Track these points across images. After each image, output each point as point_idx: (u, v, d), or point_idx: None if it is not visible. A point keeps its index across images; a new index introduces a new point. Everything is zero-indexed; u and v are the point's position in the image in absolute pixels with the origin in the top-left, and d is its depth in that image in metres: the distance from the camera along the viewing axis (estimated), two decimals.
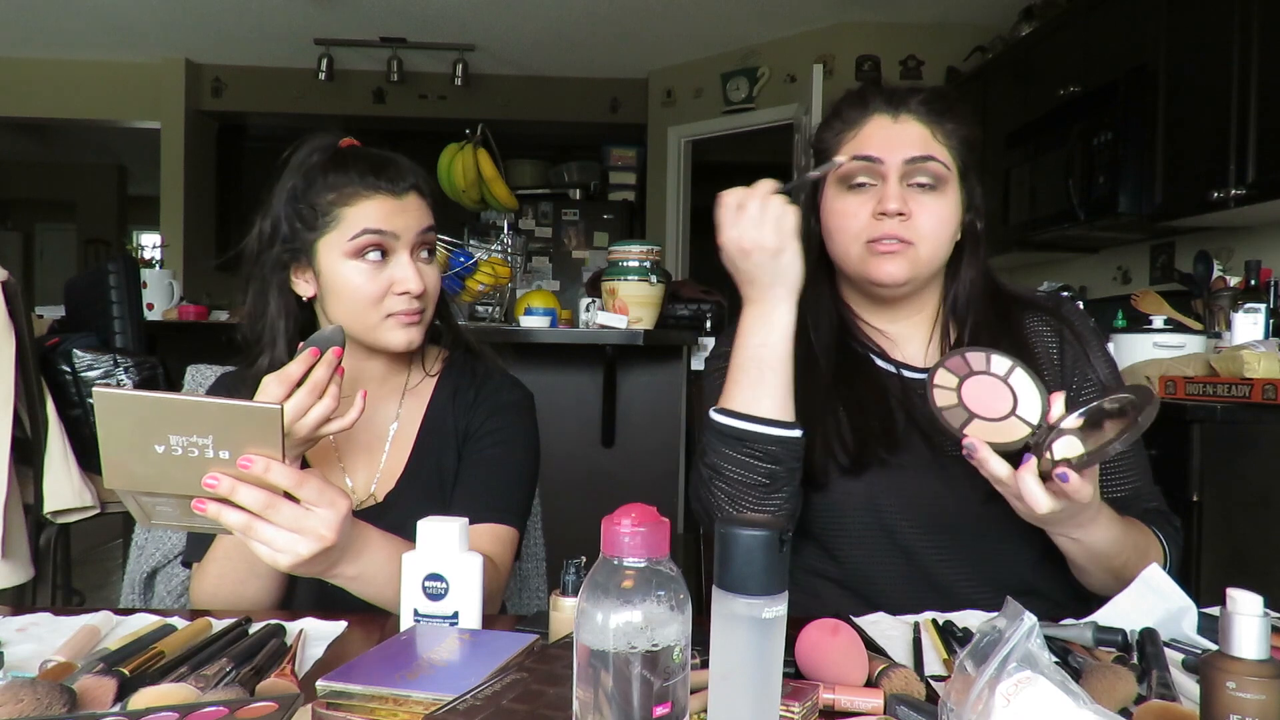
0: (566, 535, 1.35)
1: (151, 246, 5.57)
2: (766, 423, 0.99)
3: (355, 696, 0.66)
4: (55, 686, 0.64)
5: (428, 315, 1.10)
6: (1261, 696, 0.54)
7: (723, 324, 3.52)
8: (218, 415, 0.73)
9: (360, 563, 0.88)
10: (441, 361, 1.19)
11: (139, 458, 0.74)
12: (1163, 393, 1.99)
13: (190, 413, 0.73)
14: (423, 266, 1.08)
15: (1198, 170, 2.60)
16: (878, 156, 1.03)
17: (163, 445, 0.73)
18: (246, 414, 0.74)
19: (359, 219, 1.04)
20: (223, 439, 0.73)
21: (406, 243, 1.06)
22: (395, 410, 1.15)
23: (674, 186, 5.66)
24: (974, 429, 0.89)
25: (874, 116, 1.05)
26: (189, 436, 0.73)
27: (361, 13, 4.92)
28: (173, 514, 0.80)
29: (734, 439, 0.99)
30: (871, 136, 1.05)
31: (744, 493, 1.00)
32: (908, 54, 4.73)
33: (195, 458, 0.74)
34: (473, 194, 3.67)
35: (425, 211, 1.09)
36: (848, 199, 1.05)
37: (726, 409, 1.00)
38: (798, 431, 1.00)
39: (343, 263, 1.04)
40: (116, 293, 2.39)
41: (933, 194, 1.03)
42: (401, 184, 1.07)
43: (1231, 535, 1.87)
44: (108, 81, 5.79)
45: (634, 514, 0.52)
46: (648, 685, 0.50)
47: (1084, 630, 0.83)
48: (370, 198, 1.05)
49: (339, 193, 1.05)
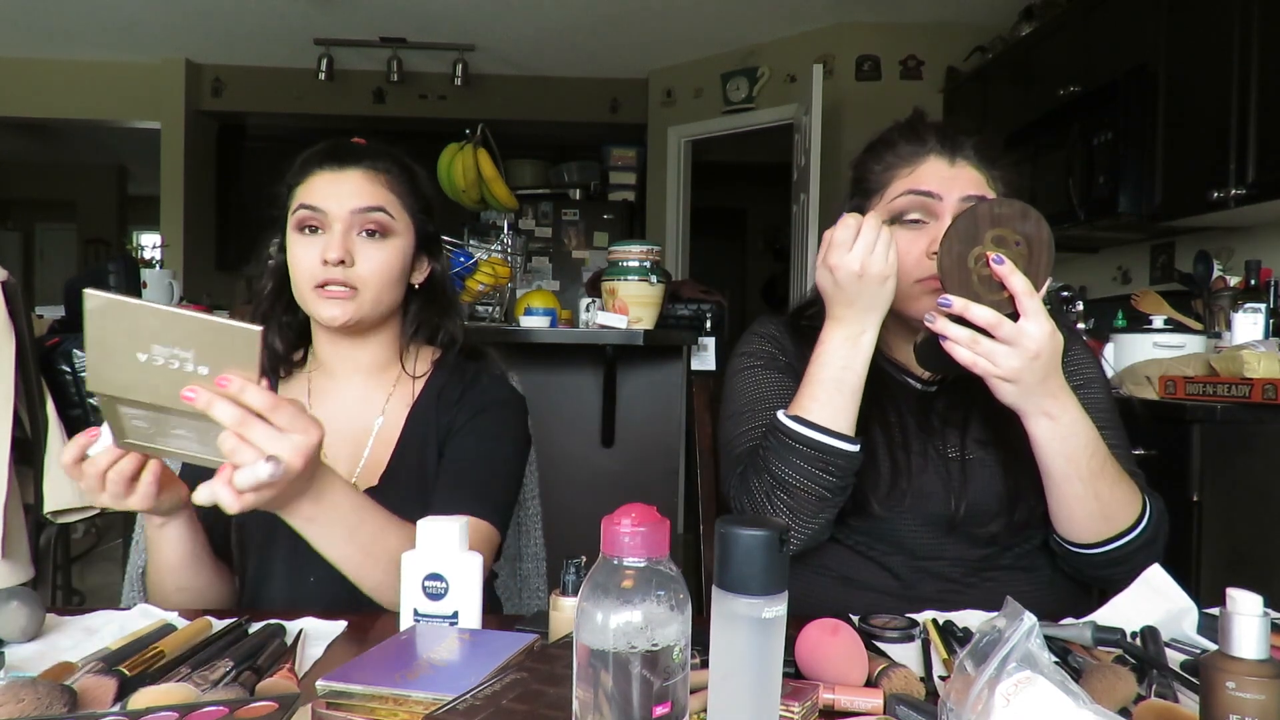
0: (566, 535, 1.35)
1: (151, 246, 5.58)
2: (840, 437, 1.00)
3: (355, 696, 0.66)
4: (55, 686, 0.64)
5: (365, 297, 1.07)
6: (1261, 696, 0.54)
7: (723, 324, 3.52)
8: (200, 330, 0.75)
9: (321, 503, 0.86)
10: (431, 361, 1.19)
11: (122, 364, 0.75)
12: (1162, 393, 1.99)
13: (175, 324, 0.75)
14: (359, 244, 1.08)
15: (1198, 170, 2.60)
16: (935, 192, 1.04)
17: (145, 354, 0.75)
18: (227, 332, 0.75)
19: (301, 196, 1.09)
20: (203, 355, 0.75)
21: (339, 218, 1.07)
22: (382, 405, 1.15)
23: (674, 186, 5.66)
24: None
25: (930, 157, 1.06)
26: (171, 348, 0.75)
27: (361, 13, 4.92)
28: (146, 430, 0.80)
29: (807, 448, 0.99)
30: (928, 175, 1.05)
31: (805, 505, 1.01)
32: (908, 54, 4.73)
33: (175, 370, 0.75)
34: (473, 194, 3.67)
35: (373, 191, 1.09)
36: (899, 234, 1.05)
37: (804, 419, 1.00)
38: (859, 446, 1.01)
39: (291, 236, 1.09)
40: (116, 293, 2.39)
41: None
42: (347, 161, 1.09)
43: (1231, 535, 1.87)
44: (108, 81, 5.79)
45: (634, 514, 0.52)
46: (648, 685, 0.50)
47: (1083, 630, 0.83)
48: (315, 174, 1.10)
49: (297, 174, 1.11)
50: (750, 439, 1.09)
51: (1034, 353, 0.89)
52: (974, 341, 0.90)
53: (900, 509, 1.06)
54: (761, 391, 1.13)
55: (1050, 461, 0.97)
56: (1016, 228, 0.92)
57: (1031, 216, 0.92)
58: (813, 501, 1.01)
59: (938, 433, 1.10)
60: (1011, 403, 0.94)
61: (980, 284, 0.91)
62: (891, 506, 1.06)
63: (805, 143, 4.35)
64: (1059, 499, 1.00)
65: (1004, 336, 0.89)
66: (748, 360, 1.16)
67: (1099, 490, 0.97)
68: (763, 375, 1.14)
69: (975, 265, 0.91)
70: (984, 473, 1.06)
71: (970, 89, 4.19)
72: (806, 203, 4.31)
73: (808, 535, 1.03)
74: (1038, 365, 0.90)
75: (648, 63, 5.59)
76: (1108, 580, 1.01)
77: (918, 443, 1.09)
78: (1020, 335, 0.89)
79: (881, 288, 0.98)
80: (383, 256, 1.09)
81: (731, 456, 1.11)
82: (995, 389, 0.93)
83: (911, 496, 1.06)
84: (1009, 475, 1.05)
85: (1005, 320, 0.89)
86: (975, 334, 0.90)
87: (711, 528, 1.34)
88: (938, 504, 1.06)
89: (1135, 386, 2.06)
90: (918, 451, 1.08)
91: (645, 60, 5.55)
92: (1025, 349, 0.89)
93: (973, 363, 0.91)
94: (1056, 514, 1.02)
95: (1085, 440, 0.96)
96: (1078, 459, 0.96)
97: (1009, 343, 0.89)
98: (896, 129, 1.11)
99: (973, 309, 0.89)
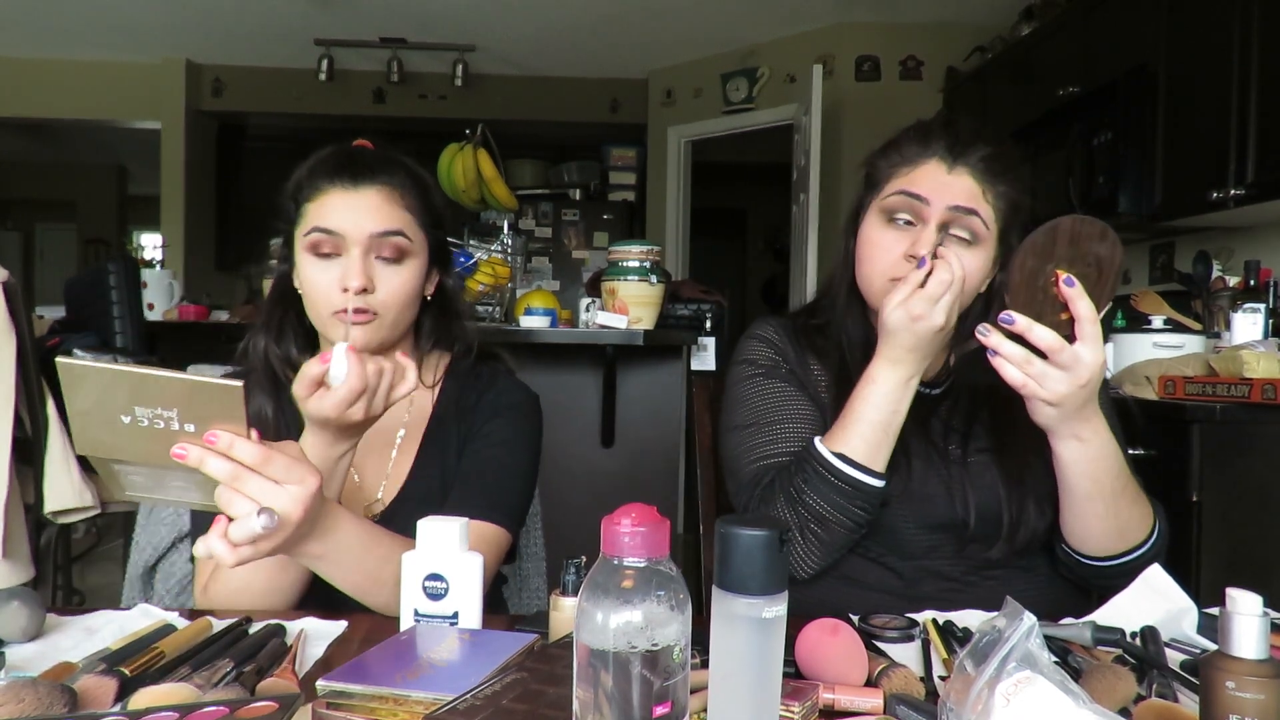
0: (566, 535, 1.35)
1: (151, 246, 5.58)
2: (878, 475, 1.00)
3: (355, 696, 0.66)
4: (56, 686, 0.64)
5: (385, 320, 1.05)
6: (1261, 696, 0.54)
7: (722, 324, 3.52)
8: (180, 390, 0.73)
9: (328, 541, 0.86)
10: (445, 367, 1.18)
11: (106, 428, 0.74)
12: (1162, 393, 1.99)
13: (152, 386, 0.73)
14: (379, 268, 1.04)
15: (1198, 170, 2.60)
16: (925, 196, 1.03)
17: (128, 416, 0.74)
18: (208, 390, 0.74)
19: (313, 215, 1.04)
20: (187, 413, 0.74)
21: (357, 241, 1.02)
22: (404, 415, 1.15)
23: (674, 186, 5.66)
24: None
25: (932, 160, 1.05)
26: (154, 409, 0.73)
27: (361, 13, 4.92)
28: (144, 484, 0.80)
29: (850, 487, 0.99)
30: (923, 178, 1.04)
31: (837, 537, 1.02)
32: (908, 54, 4.73)
33: (161, 429, 0.74)
34: (473, 194, 3.67)
35: (390, 213, 1.04)
36: (885, 232, 1.05)
37: (850, 459, 1.00)
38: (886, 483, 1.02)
39: (303, 257, 1.05)
40: (116, 293, 2.40)
41: (968, 248, 1.02)
42: (362, 178, 1.04)
43: (1231, 535, 1.87)
44: (108, 81, 5.79)
45: (634, 514, 0.52)
46: (648, 685, 0.50)
47: (1083, 630, 0.83)
48: (326, 192, 1.04)
49: (305, 188, 1.05)
50: (763, 457, 1.08)
51: (1085, 380, 0.88)
52: (1027, 362, 0.88)
53: (902, 511, 1.06)
54: (768, 404, 1.11)
55: (1075, 482, 0.96)
56: (1092, 248, 0.89)
57: (1109, 239, 0.89)
58: (843, 535, 1.01)
59: (939, 436, 1.10)
60: (1045, 424, 0.93)
61: (1044, 302, 0.89)
62: (890, 504, 1.06)
63: (805, 143, 4.35)
64: (1078, 516, 0.99)
65: (1061, 362, 0.87)
66: (749, 368, 1.15)
67: (1119, 509, 0.97)
68: (765, 385, 1.13)
69: (1043, 283, 0.88)
70: (987, 476, 1.06)
71: (970, 89, 4.19)
72: (806, 203, 4.31)
73: (826, 564, 1.05)
74: (1084, 392, 0.89)
75: (648, 63, 5.59)
76: (1110, 588, 1.01)
77: (918, 444, 1.08)
78: (1076, 362, 0.87)
79: (938, 338, 0.98)
80: (401, 279, 1.05)
81: (741, 473, 1.10)
82: (1034, 410, 0.92)
83: (913, 500, 1.06)
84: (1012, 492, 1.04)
85: (1066, 347, 0.87)
86: (1029, 354, 0.88)
87: (711, 528, 1.34)
88: (940, 507, 1.05)
89: (1135, 387, 2.06)
90: (919, 454, 1.08)
91: (645, 60, 5.55)
92: (1078, 376, 0.87)
93: (1021, 383, 0.89)
94: (1072, 529, 1.01)
95: (1112, 462, 0.95)
96: (1103, 480, 0.96)
97: (1064, 368, 0.87)
98: (910, 128, 1.10)
99: (1036, 330, 0.87)
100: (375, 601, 0.92)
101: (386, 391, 0.93)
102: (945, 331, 0.97)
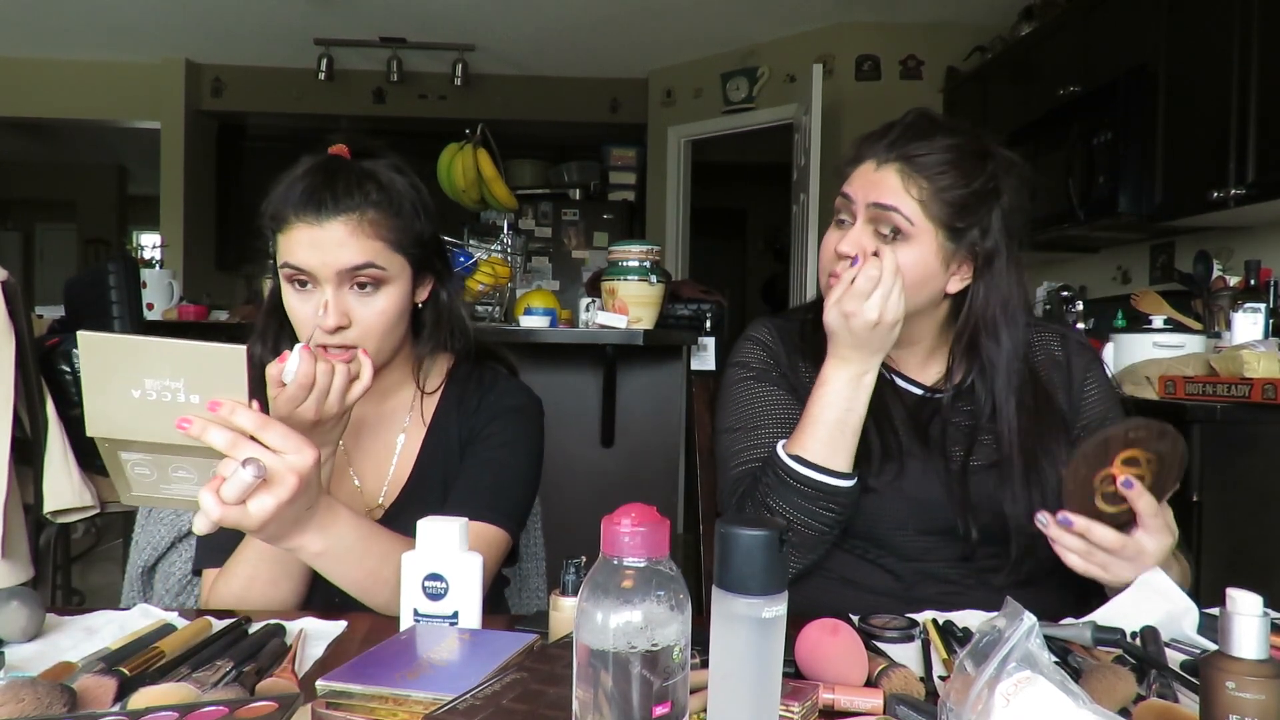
0: (566, 535, 1.35)
1: (151, 246, 5.57)
2: (840, 475, 1.01)
3: (355, 696, 0.66)
4: (55, 686, 0.64)
5: (372, 349, 1.02)
6: (1261, 696, 0.54)
7: (722, 324, 3.52)
8: (187, 357, 0.77)
9: (327, 537, 0.87)
10: (446, 369, 1.18)
11: (117, 403, 0.77)
12: (1162, 392, 1.99)
13: (162, 355, 0.77)
14: (353, 299, 1.01)
15: (1198, 170, 2.60)
16: (850, 195, 1.06)
17: (138, 390, 0.77)
18: (213, 355, 0.77)
19: (284, 249, 1.01)
20: (193, 383, 0.77)
21: (327, 279, 0.99)
22: (404, 421, 1.15)
23: (674, 186, 5.66)
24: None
25: (867, 160, 1.06)
26: (162, 380, 0.77)
27: (361, 13, 4.92)
28: (150, 478, 0.82)
29: (808, 488, 1.00)
30: (855, 178, 1.06)
31: (805, 540, 1.03)
32: (908, 54, 4.73)
33: (168, 402, 0.77)
34: (473, 194, 3.67)
35: (358, 246, 0.99)
36: (831, 233, 1.09)
37: (805, 459, 1.01)
38: (855, 480, 1.03)
39: (283, 283, 1.03)
40: (116, 293, 2.39)
41: (899, 243, 1.02)
42: (325, 211, 0.98)
43: (1231, 535, 1.87)
44: (108, 81, 5.79)
45: (634, 514, 0.52)
46: (647, 685, 0.50)
47: (1083, 630, 0.83)
48: (294, 226, 0.99)
49: (274, 216, 1.02)
50: (744, 462, 1.10)
51: (1150, 564, 0.91)
52: (1089, 554, 0.91)
53: (899, 514, 1.06)
54: (755, 408, 1.13)
55: None
56: (1151, 447, 0.90)
57: (1169, 436, 0.90)
58: (812, 537, 1.02)
59: (938, 440, 1.09)
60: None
61: (1103, 500, 0.90)
62: (885, 495, 1.05)
63: (805, 143, 4.35)
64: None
65: (1126, 557, 0.90)
66: (741, 371, 1.17)
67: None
68: (755, 389, 1.14)
69: (1100, 484, 0.90)
70: (990, 488, 1.06)
71: (970, 89, 4.19)
72: (806, 203, 4.31)
73: (804, 565, 1.06)
74: (1149, 567, 0.91)
75: (648, 63, 5.59)
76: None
77: (917, 446, 1.08)
78: (1140, 554, 0.90)
79: (890, 334, 0.99)
80: (378, 309, 1.02)
81: (728, 476, 1.12)
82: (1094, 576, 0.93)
83: (910, 503, 1.06)
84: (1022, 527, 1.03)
85: (1129, 542, 0.89)
86: (1090, 546, 0.90)
87: (711, 528, 1.34)
88: (938, 512, 1.05)
89: (1135, 386, 2.06)
90: (916, 456, 1.08)
91: (645, 60, 5.55)
92: (1142, 563, 0.90)
93: (1085, 570, 0.92)
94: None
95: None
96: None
97: (1129, 560, 0.90)
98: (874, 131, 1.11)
99: (1095, 531, 0.89)
100: (377, 600, 0.92)
101: (341, 390, 0.94)
102: (889, 325, 0.98)
